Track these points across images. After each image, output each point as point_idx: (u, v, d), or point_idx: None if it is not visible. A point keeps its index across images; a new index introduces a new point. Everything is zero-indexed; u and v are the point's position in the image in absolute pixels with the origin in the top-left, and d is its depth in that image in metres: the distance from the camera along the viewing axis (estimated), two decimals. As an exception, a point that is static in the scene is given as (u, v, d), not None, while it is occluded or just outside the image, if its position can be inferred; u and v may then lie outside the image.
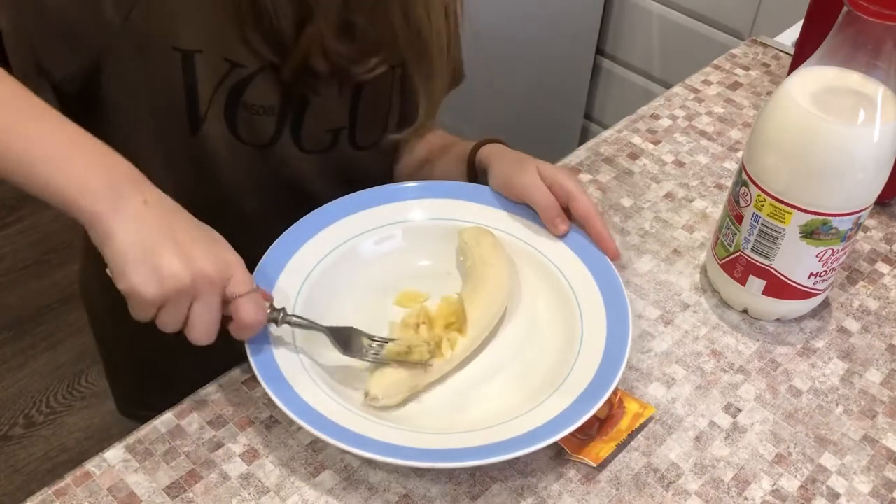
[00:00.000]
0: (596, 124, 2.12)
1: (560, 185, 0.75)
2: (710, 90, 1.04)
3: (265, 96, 0.74)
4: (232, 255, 0.61)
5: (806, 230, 0.68)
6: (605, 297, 0.71)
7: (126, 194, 0.57)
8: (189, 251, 0.57)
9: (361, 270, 0.75)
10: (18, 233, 2.15)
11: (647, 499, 0.63)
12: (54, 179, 0.56)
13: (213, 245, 0.60)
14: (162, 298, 0.57)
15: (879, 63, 0.63)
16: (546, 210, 0.76)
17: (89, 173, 0.57)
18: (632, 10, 1.88)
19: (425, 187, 0.80)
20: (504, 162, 0.80)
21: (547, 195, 0.75)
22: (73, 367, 1.86)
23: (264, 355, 0.64)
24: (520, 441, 0.60)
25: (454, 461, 0.59)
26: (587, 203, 0.75)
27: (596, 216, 0.75)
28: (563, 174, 0.76)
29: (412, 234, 0.78)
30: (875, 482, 0.65)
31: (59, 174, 0.56)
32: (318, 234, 0.74)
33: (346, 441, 0.59)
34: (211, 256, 0.58)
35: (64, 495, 0.61)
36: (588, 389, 0.64)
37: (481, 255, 0.73)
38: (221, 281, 0.59)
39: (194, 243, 0.58)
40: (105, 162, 0.58)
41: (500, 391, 0.68)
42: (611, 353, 0.66)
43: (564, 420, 0.62)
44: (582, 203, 0.75)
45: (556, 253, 0.75)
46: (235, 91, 0.72)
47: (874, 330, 0.77)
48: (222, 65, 0.71)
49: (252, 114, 0.74)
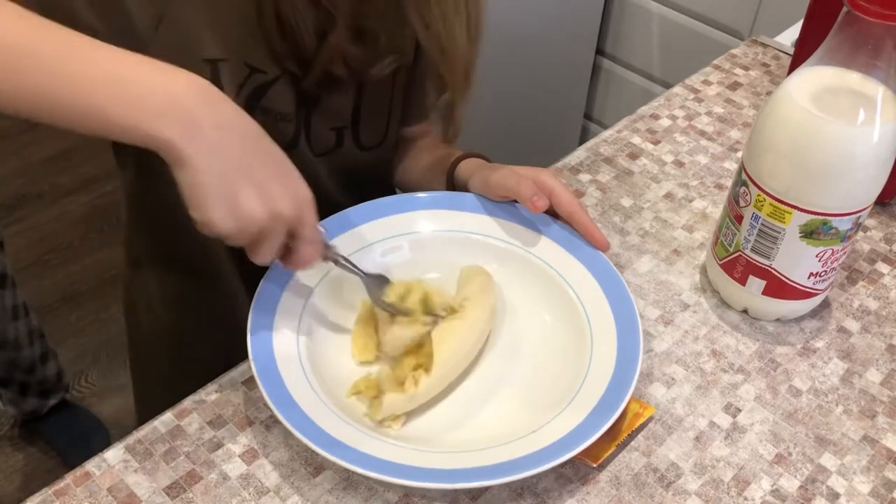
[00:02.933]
0: (596, 124, 2.12)
1: (541, 182, 0.75)
2: (710, 90, 1.04)
3: (283, 103, 0.75)
4: (305, 191, 0.61)
5: (806, 230, 0.68)
6: (617, 316, 0.70)
7: (197, 117, 0.54)
8: (267, 189, 0.57)
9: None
10: (18, 233, 2.15)
11: (647, 499, 0.63)
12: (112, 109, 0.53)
13: (288, 180, 0.60)
14: (237, 233, 0.57)
15: (879, 63, 0.63)
16: (523, 190, 0.74)
17: (148, 95, 0.53)
18: (632, 10, 1.88)
19: (434, 198, 0.80)
20: (483, 170, 0.80)
21: (523, 179, 0.75)
22: (73, 367, 1.86)
23: (270, 372, 0.64)
24: (530, 459, 0.60)
25: (464, 481, 0.59)
26: (569, 198, 0.75)
27: (580, 210, 0.75)
28: (544, 172, 0.77)
29: (419, 246, 0.77)
30: (875, 482, 0.65)
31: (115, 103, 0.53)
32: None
33: (361, 465, 0.58)
34: (288, 195, 0.59)
35: (64, 495, 0.61)
36: (598, 406, 0.63)
37: (466, 294, 0.72)
38: (295, 220, 0.60)
39: (272, 179, 0.58)
40: (165, 78, 0.54)
41: (507, 407, 0.68)
42: (622, 366, 0.66)
43: (575, 439, 0.61)
44: (564, 198, 0.75)
45: (566, 266, 0.75)
46: (254, 96, 0.73)
47: (874, 330, 0.77)
48: (242, 69, 0.72)
49: (272, 120, 0.75)
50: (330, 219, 0.75)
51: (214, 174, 0.55)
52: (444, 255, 0.77)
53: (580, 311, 0.72)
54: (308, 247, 0.63)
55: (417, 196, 0.80)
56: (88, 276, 2.05)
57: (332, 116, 0.80)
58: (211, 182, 0.55)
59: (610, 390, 0.65)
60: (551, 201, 0.75)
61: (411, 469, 0.59)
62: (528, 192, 0.74)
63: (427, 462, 0.60)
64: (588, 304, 0.72)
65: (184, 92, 0.54)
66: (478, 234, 0.78)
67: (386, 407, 0.64)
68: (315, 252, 0.64)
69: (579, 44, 1.93)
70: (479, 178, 0.79)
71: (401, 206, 0.78)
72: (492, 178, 0.77)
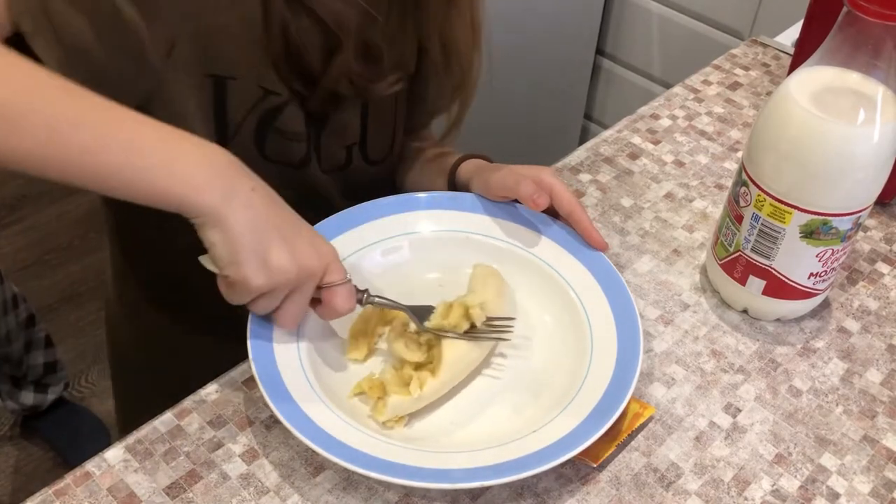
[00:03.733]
0: (596, 124, 2.12)
1: (541, 180, 0.75)
2: (710, 90, 1.04)
3: (295, 123, 0.76)
4: (328, 248, 0.64)
5: (806, 230, 0.68)
6: (617, 316, 0.70)
7: (235, 183, 0.58)
8: (295, 245, 0.60)
9: (366, 283, 0.74)
10: (18, 233, 2.15)
11: (647, 499, 0.63)
12: (160, 181, 0.56)
13: (313, 238, 0.63)
14: (268, 288, 0.59)
15: (879, 63, 0.63)
16: (523, 189, 0.74)
17: (195, 169, 0.57)
18: (632, 10, 1.88)
19: (434, 198, 0.79)
20: (484, 171, 0.80)
21: (523, 179, 0.75)
22: (73, 367, 1.86)
23: (270, 372, 0.64)
24: (530, 459, 0.60)
25: (464, 482, 0.59)
26: (569, 197, 0.75)
27: (579, 209, 0.75)
28: (545, 171, 0.77)
29: (419, 246, 0.77)
30: (875, 482, 0.65)
31: (164, 175, 0.56)
32: None
33: (361, 465, 0.58)
34: (313, 251, 0.61)
35: (64, 495, 0.61)
36: (598, 407, 0.63)
37: (483, 300, 0.71)
38: (321, 274, 0.62)
39: (298, 237, 0.61)
40: (205, 153, 0.58)
41: (507, 407, 0.67)
42: (622, 366, 0.66)
43: (575, 438, 0.61)
44: (565, 198, 0.75)
45: (566, 266, 0.75)
46: (267, 116, 0.74)
47: (874, 330, 0.77)
48: (256, 91, 0.73)
49: (286, 140, 0.76)
50: (330, 219, 0.75)
51: (247, 232, 0.58)
52: (444, 255, 0.77)
53: (580, 311, 0.72)
54: (342, 293, 0.64)
55: (417, 196, 0.80)
56: (88, 276, 2.05)
57: (341, 134, 0.81)
58: (244, 239, 0.57)
59: (610, 390, 0.65)
60: (552, 200, 0.75)
61: (411, 469, 0.59)
62: (529, 190, 0.74)
63: (427, 462, 0.60)
64: (588, 304, 0.72)
65: (225, 164, 0.59)
66: (478, 234, 0.78)
67: (391, 408, 0.64)
68: (349, 298, 0.64)
69: (579, 44, 1.93)
70: (480, 179, 0.79)
71: (401, 206, 0.78)
72: (492, 179, 0.77)
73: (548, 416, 0.64)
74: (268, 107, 0.73)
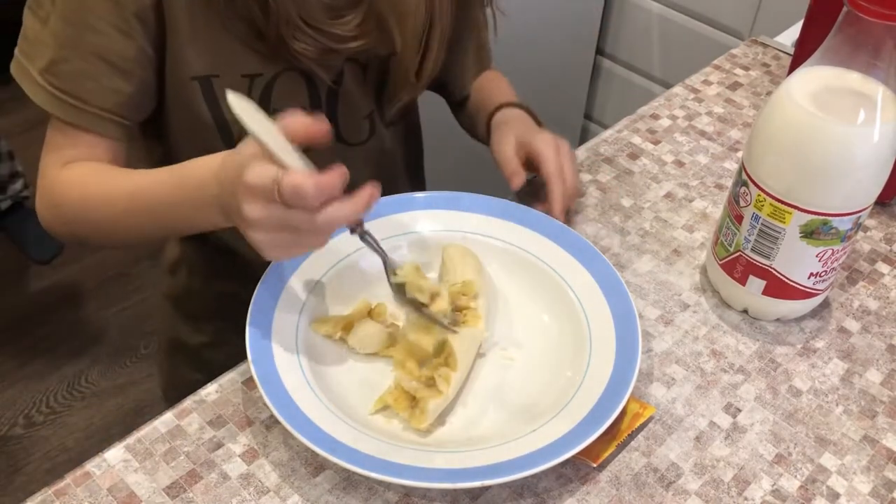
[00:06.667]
0: (596, 124, 2.12)
1: (532, 149, 0.79)
2: (710, 90, 1.04)
3: (294, 95, 0.77)
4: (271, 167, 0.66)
5: (806, 230, 0.68)
6: (615, 316, 0.70)
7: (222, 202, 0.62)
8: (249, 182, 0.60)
9: (364, 282, 0.74)
10: (18, 233, 2.15)
11: (647, 499, 0.63)
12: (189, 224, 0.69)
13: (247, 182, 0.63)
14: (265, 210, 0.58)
15: (879, 63, 0.63)
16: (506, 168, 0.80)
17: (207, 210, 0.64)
18: (632, 10, 1.88)
19: (434, 198, 0.80)
20: (504, 129, 0.84)
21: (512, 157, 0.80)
22: (73, 367, 1.86)
23: (269, 373, 0.64)
24: (530, 459, 0.60)
25: (464, 481, 0.59)
26: (551, 166, 0.78)
27: (555, 179, 0.78)
28: (542, 139, 0.80)
29: (418, 246, 0.77)
30: (875, 482, 0.65)
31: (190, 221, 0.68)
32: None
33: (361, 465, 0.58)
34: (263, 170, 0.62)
35: (64, 495, 0.61)
36: (597, 406, 0.64)
37: (466, 283, 0.72)
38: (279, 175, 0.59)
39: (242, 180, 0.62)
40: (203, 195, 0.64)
41: (506, 407, 0.68)
42: (621, 366, 0.66)
43: (574, 438, 0.61)
44: (546, 166, 0.78)
45: (565, 266, 0.75)
46: (263, 101, 0.75)
47: (874, 330, 0.77)
48: (241, 82, 0.74)
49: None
50: None
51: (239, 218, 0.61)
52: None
53: (579, 310, 0.72)
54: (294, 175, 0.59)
55: (417, 196, 0.80)
56: (88, 276, 2.05)
57: (360, 107, 0.83)
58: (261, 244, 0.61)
59: (609, 390, 0.65)
60: (539, 168, 0.79)
61: (411, 469, 0.59)
62: (509, 170, 0.79)
63: (427, 462, 0.60)
64: (587, 304, 0.72)
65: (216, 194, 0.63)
66: (477, 234, 0.78)
67: (432, 412, 0.64)
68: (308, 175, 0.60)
69: (579, 44, 1.93)
70: (495, 137, 0.84)
71: (401, 206, 0.78)
72: (495, 145, 0.82)
73: (547, 416, 0.64)
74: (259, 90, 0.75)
